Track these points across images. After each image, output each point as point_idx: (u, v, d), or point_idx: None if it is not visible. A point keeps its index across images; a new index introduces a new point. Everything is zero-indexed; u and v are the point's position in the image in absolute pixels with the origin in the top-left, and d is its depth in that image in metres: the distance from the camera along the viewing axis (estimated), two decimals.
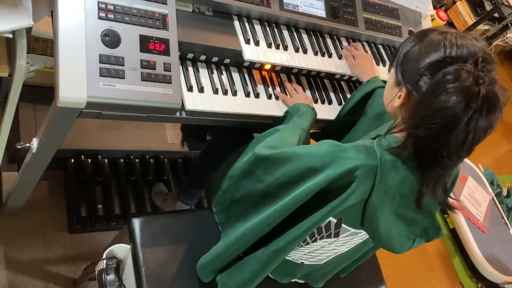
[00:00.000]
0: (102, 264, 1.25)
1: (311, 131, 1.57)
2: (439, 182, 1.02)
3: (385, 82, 1.27)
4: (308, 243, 1.20)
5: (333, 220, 1.11)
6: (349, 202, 1.01)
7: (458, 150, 0.94)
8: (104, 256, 1.28)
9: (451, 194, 1.10)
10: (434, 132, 0.93)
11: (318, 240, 1.19)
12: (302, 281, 1.41)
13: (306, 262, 1.28)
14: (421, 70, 0.97)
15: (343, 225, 1.13)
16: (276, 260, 1.16)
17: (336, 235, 1.16)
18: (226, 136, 1.68)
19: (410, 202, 1.05)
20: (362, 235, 1.19)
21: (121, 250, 1.31)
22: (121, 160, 2.01)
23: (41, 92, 1.83)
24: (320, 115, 1.53)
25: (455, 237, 2.85)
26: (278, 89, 1.49)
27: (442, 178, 1.02)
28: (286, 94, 1.49)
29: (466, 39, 0.96)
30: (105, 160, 1.97)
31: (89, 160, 1.93)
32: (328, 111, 1.57)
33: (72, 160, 1.89)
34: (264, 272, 1.18)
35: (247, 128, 1.57)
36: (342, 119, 1.51)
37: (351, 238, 1.19)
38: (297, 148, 1.12)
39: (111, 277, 1.22)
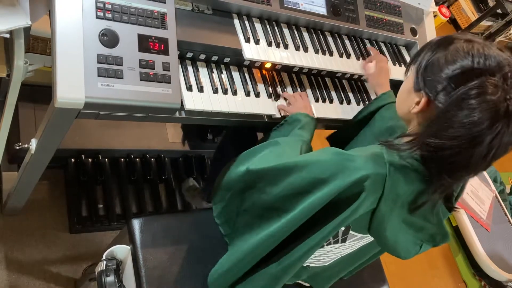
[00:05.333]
0: (101, 266, 1.24)
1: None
2: (446, 191, 1.01)
3: None
4: None
5: (342, 228, 1.10)
6: (359, 212, 0.99)
7: (476, 164, 0.92)
8: (103, 257, 1.27)
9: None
10: (455, 145, 0.90)
11: (325, 246, 1.17)
12: (307, 284, 1.40)
13: (311, 265, 1.27)
14: (445, 79, 0.93)
15: (350, 231, 1.11)
16: (288, 274, 1.14)
17: (344, 240, 1.15)
18: (239, 131, 1.67)
19: (419, 211, 1.02)
20: (368, 238, 1.17)
21: (121, 251, 1.30)
22: (122, 159, 2.00)
23: (41, 91, 1.82)
24: (322, 114, 1.52)
25: (458, 235, 2.84)
26: (286, 90, 1.47)
27: (450, 188, 1.01)
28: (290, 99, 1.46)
29: (492, 49, 0.92)
30: (106, 159, 1.96)
31: (90, 159, 1.92)
32: (329, 110, 1.55)
33: (73, 160, 1.89)
34: (277, 286, 1.16)
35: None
36: (353, 127, 1.49)
37: (358, 242, 1.18)
38: (301, 158, 1.09)
39: (110, 278, 1.21)
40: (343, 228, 1.10)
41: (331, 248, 1.18)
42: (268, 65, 1.48)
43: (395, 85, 1.41)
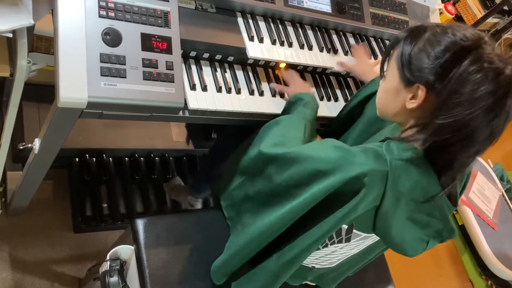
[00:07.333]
0: (105, 266, 1.24)
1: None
2: (456, 178, 1.01)
3: None
4: (319, 249, 1.18)
5: (344, 226, 1.09)
6: (360, 209, 0.98)
7: (497, 132, 0.93)
8: (107, 258, 1.27)
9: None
10: (474, 118, 0.90)
11: (329, 246, 1.17)
12: (313, 284, 1.39)
13: (317, 266, 1.26)
14: (437, 64, 0.93)
15: (354, 230, 1.10)
16: (288, 271, 1.14)
17: (348, 240, 1.14)
18: (234, 132, 1.66)
19: (423, 207, 1.02)
20: (373, 238, 1.16)
21: (125, 251, 1.30)
22: (126, 158, 2.00)
23: (45, 90, 1.82)
24: (327, 113, 1.51)
25: (464, 234, 2.82)
26: (273, 83, 1.45)
27: (461, 172, 1.01)
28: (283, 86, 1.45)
29: (462, 27, 0.95)
30: (110, 159, 1.96)
31: (94, 159, 1.92)
32: (334, 109, 1.54)
33: (77, 159, 1.88)
34: (276, 284, 1.16)
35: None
36: (343, 117, 1.48)
37: (363, 242, 1.17)
38: (305, 149, 1.09)
39: (114, 279, 1.21)
40: (346, 227, 1.10)
41: (336, 248, 1.17)
42: (272, 64, 1.47)
43: None
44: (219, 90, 1.33)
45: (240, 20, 1.41)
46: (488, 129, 0.92)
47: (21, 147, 1.34)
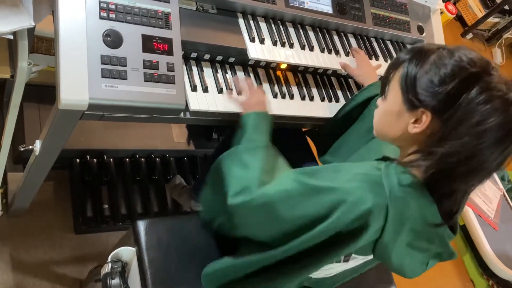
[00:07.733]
0: (107, 268, 1.23)
1: (307, 130, 1.55)
2: (459, 206, 0.99)
3: None
4: None
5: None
6: (360, 244, 0.96)
7: (500, 165, 0.92)
8: (109, 259, 1.27)
9: None
10: (485, 147, 0.87)
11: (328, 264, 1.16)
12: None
13: (314, 277, 1.25)
14: (444, 90, 0.89)
15: (353, 254, 1.08)
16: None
17: (346, 261, 1.12)
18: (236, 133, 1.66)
19: (423, 235, 0.99)
20: (372, 257, 1.15)
21: (127, 253, 1.30)
22: (127, 159, 2.00)
23: (46, 91, 1.82)
24: (328, 114, 1.51)
25: (466, 234, 2.81)
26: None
27: (464, 199, 0.99)
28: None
29: (467, 51, 0.92)
30: (111, 159, 1.96)
31: (95, 160, 1.92)
32: (336, 110, 1.53)
33: (78, 160, 1.88)
34: None
35: None
36: (340, 119, 1.46)
37: (361, 261, 1.16)
38: (284, 193, 1.00)
39: (116, 281, 1.20)
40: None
41: (333, 265, 1.16)
42: (273, 65, 1.47)
43: None
44: (220, 91, 1.32)
45: (241, 21, 1.41)
46: (499, 159, 0.89)
47: (22, 149, 1.34)
